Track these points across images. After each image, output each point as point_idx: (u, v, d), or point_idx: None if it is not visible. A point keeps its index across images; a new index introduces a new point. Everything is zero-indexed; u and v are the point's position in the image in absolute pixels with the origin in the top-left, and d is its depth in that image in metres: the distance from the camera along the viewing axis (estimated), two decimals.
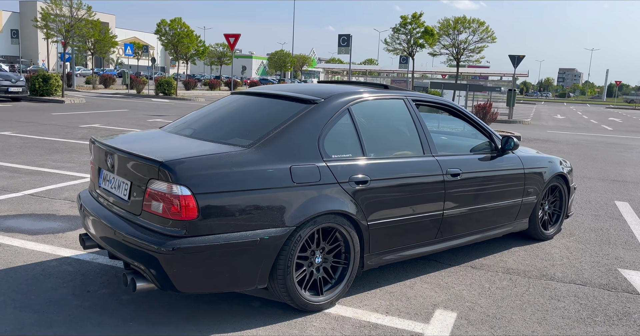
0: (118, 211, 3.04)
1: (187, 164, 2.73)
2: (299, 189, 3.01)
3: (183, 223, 2.69)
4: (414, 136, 3.81)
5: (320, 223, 3.10)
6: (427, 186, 3.72)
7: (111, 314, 3.02)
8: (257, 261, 2.89)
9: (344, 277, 3.34)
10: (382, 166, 3.46)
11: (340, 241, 3.31)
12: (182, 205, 2.67)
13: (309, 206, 3.03)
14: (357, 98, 3.51)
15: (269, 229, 2.89)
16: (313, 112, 3.27)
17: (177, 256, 2.66)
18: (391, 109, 3.83)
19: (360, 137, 3.42)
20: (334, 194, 3.16)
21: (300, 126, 3.17)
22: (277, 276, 2.99)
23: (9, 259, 3.76)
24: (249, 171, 2.86)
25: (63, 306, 3.09)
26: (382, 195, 3.43)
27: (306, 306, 3.14)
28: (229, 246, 2.77)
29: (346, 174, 3.23)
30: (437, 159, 3.83)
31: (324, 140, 3.22)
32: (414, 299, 3.50)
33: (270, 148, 3.01)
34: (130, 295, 3.29)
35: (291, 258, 3.00)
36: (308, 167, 3.08)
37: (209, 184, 2.73)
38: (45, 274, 3.54)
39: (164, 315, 3.05)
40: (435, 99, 4.14)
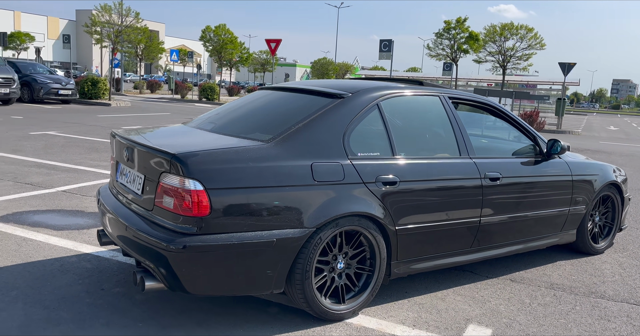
0: (132, 207, 2.91)
1: (200, 157, 2.57)
2: (320, 188, 2.80)
3: (194, 220, 2.53)
4: (450, 136, 3.54)
5: (342, 225, 2.88)
6: (462, 191, 3.44)
7: (122, 314, 2.89)
8: (273, 263, 2.69)
9: (369, 285, 3.10)
10: (413, 167, 3.21)
11: (365, 246, 3.08)
12: (193, 201, 2.51)
13: (331, 206, 2.81)
14: (388, 94, 3.28)
15: (286, 230, 2.69)
16: (339, 107, 3.06)
17: (187, 255, 2.50)
18: (425, 106, 3.58)
19: (390, 136, 3.19)
20: (359, 195, 2.93)
21: (324, 122, 2.97)
22: (294, 281, 2.79)
23: (30, 253, 3.71)
24: (267, 167, 2.67)
25: (74, 303, 2.98)
26: (413, 198, 3.18)
27: (326, 315, 2.91)
28: (242, 247, 2.58)
29: (373, 174, 3.01)
30: (474, 162, 3.55)
31: (349, 137, 3.01)
32: (444, 312, 3.22)
33: (291, 144, 2.82)
34: (144, 294, 3.15)
35: (310, 261, 2.79)
36: (331, 164, 2.87)
37: (223, 179, 2.56)
38: (63, 270, 3.46)
39: (175, 317, 2.89)
40: (474, 97, 3.85)
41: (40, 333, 2.63)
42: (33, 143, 8.94)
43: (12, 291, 3.09)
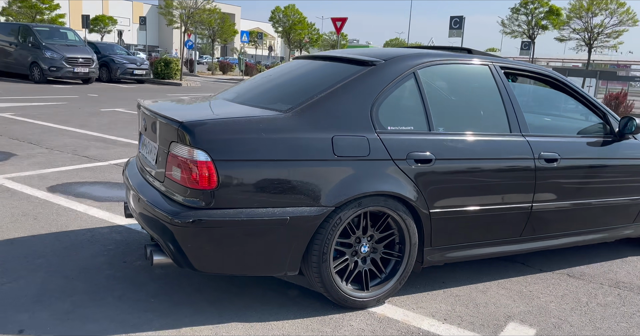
0: (148, 178, 2.81)
1: (208, 126, 2.39)
2: (341, 164, 2.54)
3: (201, 193, 2.37)
4: (499, 110, 3.14)
5: (366, 205, 2.61)
6: (511, 173, 3.05)
7: (137, 288, 2.81)
8: (287, 243, 2.48)
9: (397, 272, 2.83)
10: (452, 144, 2.86)
11: (393, 230, 2.80)
12: (200, 173, 2.35)
13: (353, 184, 2.55)
14: (427, 61, 2.93)
15: (301, 207, 2.47)
16: (368, 75, 2.77)
17: (192, 230, 2.35)
18: (471, 76, 3.19)
19: (427, 108, 2.86)
20: (386, 173, 2.65)
21: (350, 91, 2.69)
22: (311, 263, 2.57)
23: (66, 223, 3.75)
24: (282, 139, 2.45)
25: (94, 274, 2.94)
26: (450, 179, 2.85)
27: (345, 301, 2.68)
28: (252, 224, 2.40)
29: (404, 149, 2.70)
30: (527, 140, 3.13)
31: (378, 108, 2.72)
32: (483, 306, 2.88)
33: (310, 114, 2.58)
34: (164, 269, 3.07)
35: (328, 243, 2.56)
36: (355, 138, 2.60)
37: (232, 150, 2.37)
38: (92, 240, 3.46)
39: (190, 294, 2.78)
40: (532, 67, 3.40)
41: (51, 302, 2.60)
42: (100, 119, 9.27)
43: (37, 259, 3.10)
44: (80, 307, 2.57)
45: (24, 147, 6.31)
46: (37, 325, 2.39)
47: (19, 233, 3.50)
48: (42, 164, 5.48)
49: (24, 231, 3.53)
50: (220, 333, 2.43)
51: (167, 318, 2.53)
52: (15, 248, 3.25)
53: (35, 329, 2.35)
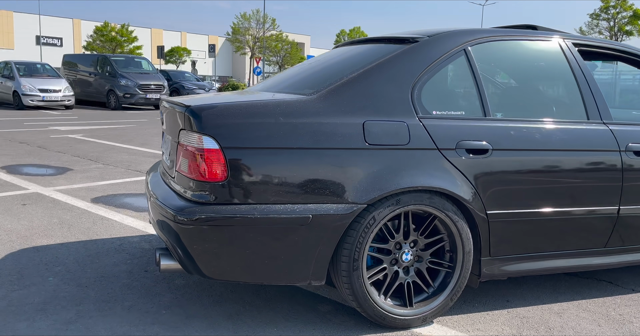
0: (165, 177, 2.55)
1: (217, 110, 2.09)
2: (374, 154, 2.15)
3: (209, 186, 2.05)
4: (574, 93, 2.63)
5: (406, 203, 2.19)
6: (590, 168, 2.52)
7: (150, 299, 2.52)
8: (309, 247, 2.10)
9: (447, 286, 2.35)
10: (513, 132, 2.39)
11: (442, 235, 2.34)
12: (207, 162, 2.04)
13: (388, 177, 2.14)
14: (480, 37, 2.49)
15: (327, 204, 2.09)
16: (408, 53, 2.37)
17: (199, 228, 2.03)
18: (537, 54, 2.69)
19: (481, 90, 2.41)
20: (431, 165, 2.22)
21: (386, 71, 2.31)
22: (340, 271, 2.17)
23: (99, 231, 3.58)
24: (303, 124, 2.10)
25: (110, 283, 2.69)
26: (512, 174, 2.36)
27: (383, 319, 2.24)
28: (268, 222, 2.04)
29: (452, 138, 2.27)
30: (610, 129, 2.59)
31: (421, 90, 2.31)
32: (557, 330, 2.33)
33: (338, 97, 2.21)
34: (185, 279, 2.77)
35: (360, 247, 2.15)
36: (391, 124, 2.20)
37: (244, 136, 2.05)
38: (119, 249, 3.24)
39: (207, 307, 2.45)
40: (610, 44, 2.85)
41: (55, 311, 2.36)
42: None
43: (57, 266, 2.91)
44: (84, 317, 2.31)
45: (82, 163, 6.39)
46: (31, 334, 2.14)
47: (49, 240, 3.36)
48: (94, 178, 5.46)
49: (54, 239, 3.39)
50: None
51: (175, 331, 2.20)
52: (39, 255, 3.09)
53: None
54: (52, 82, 15.50)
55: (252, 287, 2.69)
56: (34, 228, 3.60)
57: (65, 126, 10.76)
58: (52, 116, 13.14)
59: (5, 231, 3.52)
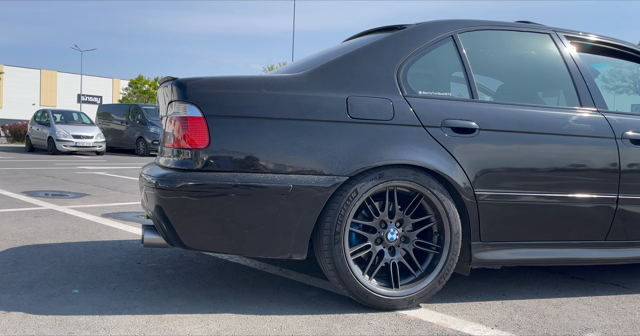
0: (158, 159, 2.61)
1: (201, 81, 2.17)
2: (356, 127, 2.17)
3: (190, 153, 2.10)
4: (565, 82, 2.63)
5: (390, 178, 2.18)
6: (584, 153, 2.48)
7: (137, 282, 2.51)
8: (290, 218, 2.09)
9: (434, 268, 2.28)
10: (501, 114, 2.39)
11: (429, 216, 2.30)
12: (189, 128, 2.10)
13: (371, 150, 2.15)
14: (468, 26, 2.54)
15: (308, 175, 2.10)
16: (395, 37, 2.44)
17: (179, 195, 2.05)
18: (527, 44, 2.72)
19: (469, 75, 2.44)
20: (415, 141, 2.22)
21: (372, 52, 2.37)
22: (321, 244, 2.14)
23: (102, 236, 3.63)
24: (285, 96, 2.16)
25: (100, 271, 2.70)
26: (501, 154, 2.34)
27: (367, 298, 2.17)
28: (248, 190, 2.06)
29: (437, 116, 2.28)
30: (605, 117, 2.56)
31: (407, 71, 2.35)
32: (553, 318, 2.21)
33: (323, 74, 2.27)
34: (175, 269, 2.76)
35: (341, 220, 2.13)
36: (375, 100, 2.23)
37: (227, 105, 2.11)
38: (116, 247, 3.26)
39: (192, 290, 2.42)
40: (605, 39, 2.86)
41: (41, 288, 2.37)
42: None
43: (53, 258, 2.95)
44: (68, 293, 2.31)
45: (101, 190, 6.55)
46: (12, 303, 2.15)
47: (51, 241, 3.41)
48: (108, 201, 5.57)
49: (57, 240, 3.44)
50: (208, 320, 2.03)
51: (155, 306, 2.18)
52: (39, 249, 3.14)
53: (7, 306, 2.11)
54: (86, 129, 16.15)
55: (241, 276, 2.66)
56: (40, 233, 3.67)
57: (93, 166, 11.11)
58: (82, 159, 13.60)
59: (12, 234, 3.59)
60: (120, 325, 1.94)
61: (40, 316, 2.00)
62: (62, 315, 2.03)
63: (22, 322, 1.93)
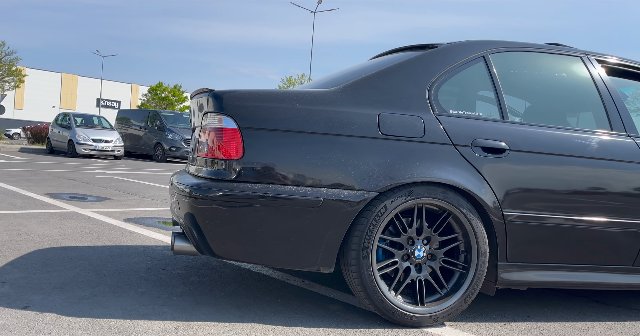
0: (188, 168, 2.66)
1: (237, 93, 2.22)
2: (387, 144, 2.20)
3: (225, 164, 2.14)
4: (596, 105, 2.64)
5: (419, 195, 2.20)
6: (614, 178, 2.48)
7: (164, 288, 2.55)
8: (319, 231, 2.12)
9: (461, 286, 2.29)
10: (532, 135, 2.40)
11: (457, 234, 2.31)
12: (225, 140, 2.14)
13: (401, 167, 2.18)
14: (500, 47, 2.57)
15: (338, 190, 2.13)
16: (427, 56, 2.48)
17: (211, 204, 2.09)
18: (558, 66, 2.73)
19: (500, 95, 2.46)
20: (445, 160, 2.25)
21: (404, 70, 2.41)
22: (349, 259, 2.16)
23: (125, 240, 3.68)
24: (318, 111, 2.20)
25: (127, 275, 2.75)
26: (530, 176, 2.36)
27: (392, 314, 2.18)
28: (279, 202, 2.09)
29: (468, 135, 2.30)
30: (636, 142, 2.56)
31: (438, 90, 2.38)
32: None
33: (355, 90, 2.31)
34: (200, 276, 2.80)
35: (370, 236, 2.15)
36: (407, 117, 2.27)
37: (261, 118, 2.16)
38: (141, 253, 3.31)
39: (218, 298, 2.45)
40: (636, 63, 2.87)
41: (71, 290, 2.42)
42: None
43: (80, 261, 3.00)
44: (98, 296, 2.35)
45: (121, 195, 6.63)
46: (44, 304, 2.20)
47: (78, 243, 3.47)
48: (130, 205, 5.65)
49: (83, 243, 3.50)
50: (236, 329, 2.05)
51: (182, 313, 2.21)
52: (66, 252, 3.20)
53: (40, 307, 2.15)
54: (105, 133, 16.39)
55: (265, 286, 2.69)
56: (66, 235, 3.73)
57: (112, 170, 11.25)
58: (101, 163, 13.78)
59: (39, 235, 3.66)
60: (150, 331, 1.97)
61: (72, 318, 2.05)
62: (94, 317, 2.07)
63: (55, 324, 1.98)
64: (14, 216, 4.36)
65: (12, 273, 2.63)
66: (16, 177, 8.01)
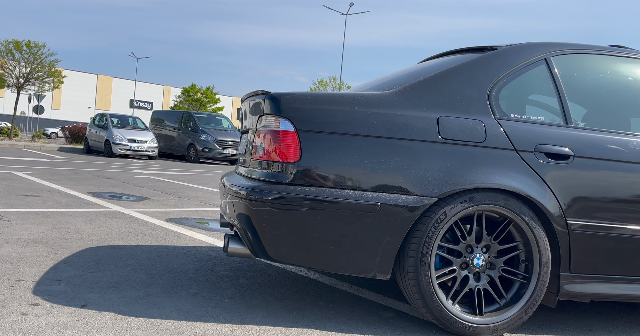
0: (239, 170, 2.65)
1: (295, 96, 2.20)
2: (447, 148, 2.14)
3: (281, 166, 2.12)
4: None
5: (480, 202, 2.13)
6: None
7: (214, 290, 2.55)
8: (376, 236, 2.08)
9: (521, 297, 2.21)
10: (597, 141, 2.31)
11: (517, 242, 2.24)
12: (282, 142, 2.12)
13: (462, 173, 2.12)
14: (563, 49, 2.48)
15: (396, 194, 2.08)
16: (487, 58, 2.41)
17: (268, 207, 2.07)
18: (623, 69, 2.63)
19: (563, 99, 2.38)
20: (507, 166, 2.17)
21: (464, 73, 2.34)
22: (406, 266, 2.11)
23: (170, 240, 3.71)
24: (376, 113, 2.16)
25: (177, 276, 2.76)
26: (596, 183, 2.26)
27: (451, 323, 2.12)
28: (336, 206, 2.05)
29: (531, 140, 2.23)
30: None
31: (499, 93, 2.31)
32: None
33: (414, 92, 2.26)
34: (248, 279, 2.78)
35: (428, 243, 2.10)
36: (467, 121, 2.20)
37: (319, 121, 2.13)
38: (187, 253, 3.33)
39: (269, 302, 2.43)
40: None
41: (125, 289, 2.43)
42: None
43: (130, 260, 3.03)
44: (152, 296, 2.36)
45: (160, 195, 6.72)
46: (101, 303, 2.21)
47: (125, 242, 3.51)
48: (169, 206, 5.71)
49: (130, 242, 3.54)
50: (290, 334, 2.03)
51: (236, 315, 2.20)
52: (115, 251, 3.23)
53: (98, 306, 2.17)
54: (141, 134, 16.70)
55: (314, 291, 2.66)
56: (113, 234, 3.78)
57: (147, 170, 11.43)
58: (137, 163, 14.03)
59: (87, 233, 3.72)
60: (208, 333, 1.96)
61: (130, 317, 2.05)
62: (151, 318, 2.07)
63: (114, 323, 1.99)
64: (62, 214, 4.45)
65: (66, 271, 2.67)
66: (58, 175, 8.21)
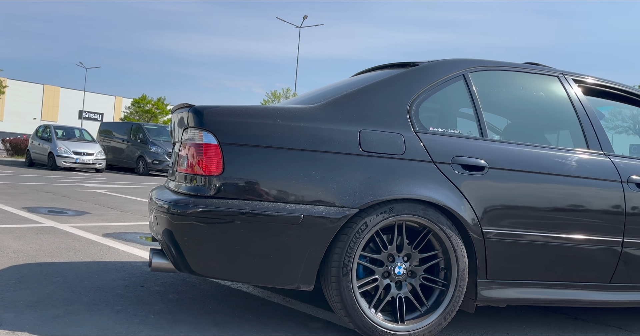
0: (168, 184, 2.63)
1: (218, 109, 2.21)
2: (368, 160, 2.21)
3: (204, 179, 2.12)
4: (573, 124, 2.69)
5: (399, 212, 2.20)
6: (592, 195, 2.51)
7: (141, 306, 2.50)
8: (299, 248, 2.11)
9: (440, 304, 2.29)
10: (510, 153, 2.43)
11: (437, 251, 2.32)
12: (204, 155, 2.13)
13: (382, 184, 2.18)
14: (480, 66, 2.61)
15: (318, 206, 2.12)
16: (408, 74, 2.50)
17: (189, 220, 2.07)
18: (536, 85, 2.78)
19: (479, 113, 2.49)
20: (426, 177, 2.26)
21: (385, 87, 2.43)
22: (329, 276, 2.15)
23: (104, 256, 3.62)
24: (300, 127, 2.20)
25: (103, 292, 2.69)
26: (509, 193, 2.38)
27: (373, 332, 2.17)
28: (259, 219, 2.07)
29: (448, 153, 2.32)
30: (612, 161, 2.61)
31: (419, 108, 2.40)
32: None
33: (337, 107, 2.32)
34: (178, 294, 2.75)
35: (350, 253, 2.14)
36: (387, 134, 2.28)
37: (242, 134, 2.15)
38: (119, 269, 3.25)
39: (196, 316, 2.41)
40: (611, 83, 2.93)
41: (45, 308, 2.36)
42: None
43: (56, 277, 2.94)
44: (72, 314, 2.30)
45: (101, 209, 6.54)
46: (16, 322, 2.14)
47: (54, 259, 3.40)
48: (109, 220, 5.57)
49: (59, 259, 3.43)
50: None
51: (159, 331, 2.17)
52: (41, 268, 3.13)
53: (12, 326, 2.10)
54: (86, 146, 16.20)
55: (245, 304, 2.65)
56: (42, 250, 3.66)
57: (92, 184, 11.10)
58: (82, 176, 13.59)
59: (13, 251, 3.58)
60: None
61: None
62: None
63: None
64: None
65: None
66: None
